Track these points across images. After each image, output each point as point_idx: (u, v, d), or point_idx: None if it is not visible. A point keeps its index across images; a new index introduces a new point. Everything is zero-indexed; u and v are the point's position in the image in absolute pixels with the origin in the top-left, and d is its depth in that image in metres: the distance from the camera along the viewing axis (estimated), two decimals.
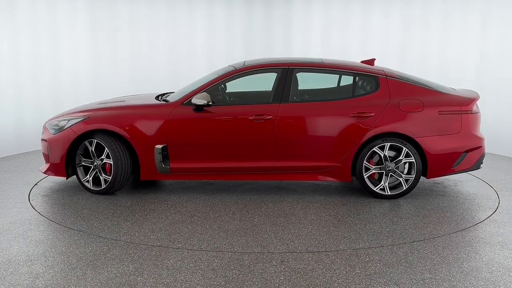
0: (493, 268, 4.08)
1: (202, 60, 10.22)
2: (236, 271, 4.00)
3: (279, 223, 5.10)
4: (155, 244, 4.54)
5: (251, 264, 4.13)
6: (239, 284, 3.80)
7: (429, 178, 5.87)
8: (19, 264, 4.14)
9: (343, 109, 5.80)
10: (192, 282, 3.81)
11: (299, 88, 6.36)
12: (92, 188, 6.04)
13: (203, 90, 5.95)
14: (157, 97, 6.53)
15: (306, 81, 6.46)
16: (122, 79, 9.76)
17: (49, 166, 6.19)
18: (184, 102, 5.93)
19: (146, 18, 9.93)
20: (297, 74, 6.25)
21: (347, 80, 6.09)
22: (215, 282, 3.81)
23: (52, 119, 6.37)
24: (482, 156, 5.96)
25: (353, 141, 5.76)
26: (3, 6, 8.33)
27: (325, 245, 4.53)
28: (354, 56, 8.63)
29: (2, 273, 3.97)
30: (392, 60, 9.10)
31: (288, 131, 5.81)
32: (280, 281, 3.84)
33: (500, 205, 5.74)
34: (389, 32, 9.72)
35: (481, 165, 6.02)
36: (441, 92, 5.89)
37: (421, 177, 5.99)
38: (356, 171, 5.84)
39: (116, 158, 5.88)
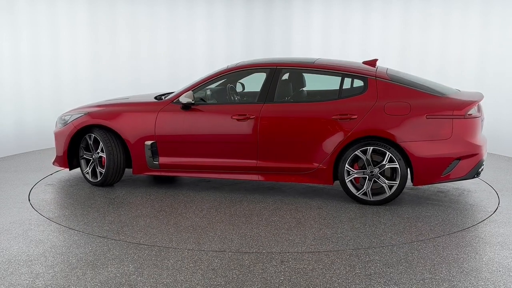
0: (493, 268, 4.08)
1: (202, 60, 10.22)
2: (236, 271, 4.00)
3: (235, 223, 5.12)
4: (105, 236, 4.64)
5: (251, 264, 4.13)
6: (239, 284, 3.80)
7: (416, 185, 5.58)
8: (19, 264, 4.14)
9: (326, 111, 5.66)
10: (192, 282, 3.82)
11: (299, 89, 6.38)
12: (90, 179, 6.40)
13: (191, 89, 6.10)
14: (159, 97, 6.63)
15: (312, 83, 6.43)
16: (122, 79, 9.75)
17: (55, 157, 6.64)
18: (174, 101, 6.13)
19: (146, 18, 9.93)
20: (304, 75, 6.31)
21: (344, 81, 5.91)
22: (215, 282, 3.82)
23: (63, 114, 6.76)
24: (478, 165, 5.55)
25: (334, 143, 5.60)
26: (3, 6, 8.33)
27: (259, 247, 4.49)
28: (354, 56, 8.63)
29: (2, 273, 3.97)
30: (392, 60, 9.10)
31: (269, 131, 5.78)
32: (280, 281, 3.85)
33: (500, 205, 5.73)
34: (389, 32, 9.72)
35: (476, 175, 5.60)
36: (434, 95, 5.55)
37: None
38: (338, 174, 5.68)
39: (109, 152, 6.19)
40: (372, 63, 6.14)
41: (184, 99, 5.97)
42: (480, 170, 5.62)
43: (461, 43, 9.05)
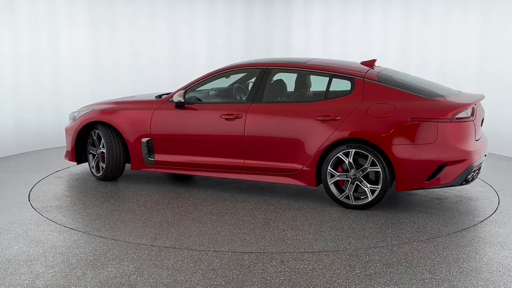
0: (493, 268, 4.08)
1: (202, 60, 10.22)
2: (236, 271, 4.00)
3: (204, 221, 5.18)
4: (74, 228, 4.79)
5: (251, 264, 4.13)
6: (239, 284, 3.80)
7: (399, 190, 5.34)
8: (19, 264, 4.14)
9: (311, 112, 5.57)
10: (192, 282, 3.82)
11: (302, 89, 6.35)
12: (95, 174, 6.70)
13: (185, 88, 6.22)
14: (160, 96, 6.74)
15: (315, 84, 6.41)
16: (122, 79, 9.75)
17: (66, 152, 6.97)
18: (169, 99, 6.27)
19: (146, 17, 9.93)
20: (310, 76, 6.29)
21: (334, 82, 5.81)
22: (215, 282, 3.82)
23: (75, 110, 7.09)
24: (467, 171, 5.25)
25: (317, 145, 5.51)
26: (3, 6, 8.32)
27: (209, 245, 4.52)
28: (354, 56, 8.63)
29: (2, 273, 3.97)
30: (392, 60, 9.09)
31: (254, 131, 5.78)
32: (280, 281, 3.85)
33: (500, 205, 5.73)
34: (389, 32, 9.71)
35: (465, 182, 5.33)
36: (422, 97, 5.33)
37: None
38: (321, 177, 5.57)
39: (109, 148, 6.45)
40: (370, 63, 6.00)
41: (176, 97, 6.14)
42: (469, 177, 5.34)
43: (461, 43, 9.04)
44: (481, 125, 5.85)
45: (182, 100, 6.10)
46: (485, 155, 5.71)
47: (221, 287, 3.75)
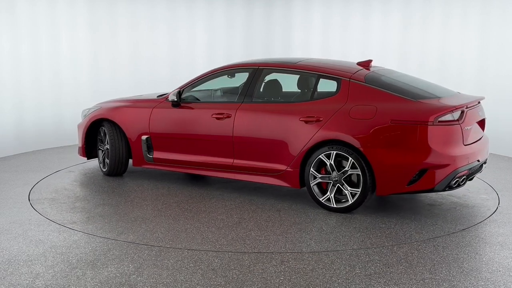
0: (493, 268, 4.08)
1: (202, 60, 10.22)
2: (236, 271, 4.00)
3: (178, 218, 5.25)
4: (53, 220, 4.90)
5: (251, 264, 4.13)
6: (239, 284, 3.80)
7: (379, 195, 5.20)
8: (19, 264, 4.14)
9: (296, 112, 5.54)
10: (192, 282, 3.82)
11: (305, 90, 6.34)
12: (102, 169, 6.96)
13: (180, 88, 6.36)
14: (161, 95, 6.85)
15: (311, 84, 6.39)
16: (122, 79, 9.75)
17: (78, 148, 7.25)
18: (167, 99, 6.43)
19: (146, 18, 9.93)
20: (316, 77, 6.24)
21: (324, 82, 5.74)
22: (215, 282, 3.82)
23: (87, 108, 7.38)
24: (449, 176, 5.01)
25: (300, 146, 5.46)
26: (3, 6, 8.32)
27: (168, 241, 4.57)
28: (354, 56, 8.62)
29: (2, 273, 3.97)
30: (392, 61, 9.09)
31: (242, 130, 5.82)
32: (280, 281, 3.85)
33: (500, 205, 5.73)
34: (389, 32, 9.71)
35: (448, 187, 5.11)
36: (406, 99, 5.15)
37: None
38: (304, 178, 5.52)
39: (112, 145, 6.68)
40: (366, 64, 5.91)
41: (171, 97, 6.29)
42: (453, 182, 5.09)
43: (461, 43, 9.04)
44: (483, 127, 5.72)
45: (176, 99, 6.23)
46: (479, 160, 5.40)
47: (221, 287, 3.75)
